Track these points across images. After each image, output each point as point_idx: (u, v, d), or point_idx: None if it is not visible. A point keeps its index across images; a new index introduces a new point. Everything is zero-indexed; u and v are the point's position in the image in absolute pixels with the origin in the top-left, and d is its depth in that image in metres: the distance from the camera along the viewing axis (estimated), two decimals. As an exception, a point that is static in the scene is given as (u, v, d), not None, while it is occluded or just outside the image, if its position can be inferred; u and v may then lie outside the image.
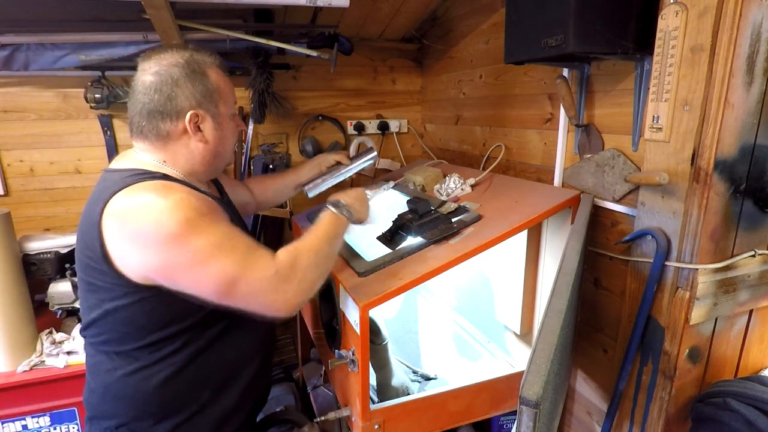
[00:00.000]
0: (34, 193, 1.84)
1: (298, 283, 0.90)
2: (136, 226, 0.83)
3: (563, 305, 0.75)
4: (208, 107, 0.97)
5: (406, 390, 1.34)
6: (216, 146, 1.01)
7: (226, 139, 1.03)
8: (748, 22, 0.82)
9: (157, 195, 0.84)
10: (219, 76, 1.00)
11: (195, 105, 0.95)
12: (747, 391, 0.90)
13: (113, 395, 0.95)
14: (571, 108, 1.21)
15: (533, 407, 0.58)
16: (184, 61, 0.95)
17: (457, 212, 1.25)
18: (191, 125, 0.96)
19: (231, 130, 1.05)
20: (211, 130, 0.99)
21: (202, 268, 0.84)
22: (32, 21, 1.58)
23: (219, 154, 1.03)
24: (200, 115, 0.96)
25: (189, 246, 0.82)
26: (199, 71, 0.96)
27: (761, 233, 0.98)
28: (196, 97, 0.95)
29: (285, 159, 2.10)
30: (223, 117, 1.01)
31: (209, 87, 0.97)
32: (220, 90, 0.99)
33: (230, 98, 1.03)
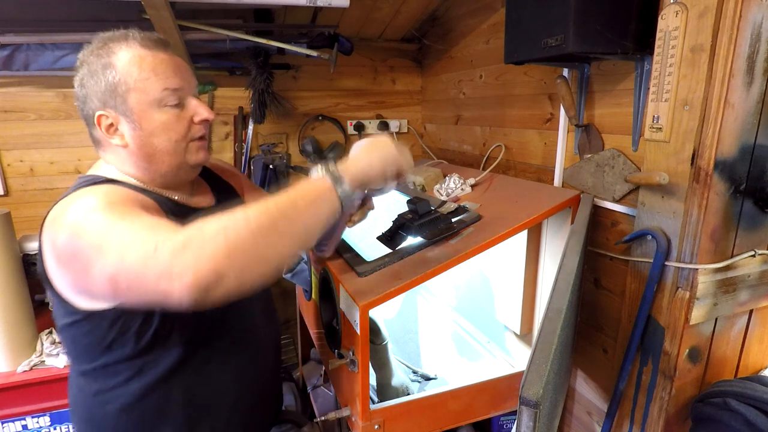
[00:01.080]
0: (34, 193, 1.84)
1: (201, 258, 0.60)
2: (54, 234, 0.73)
3: (563, 305, 0.75)
4: (115, 104, 0.81)
5: (406, 390, 1.34)
6: (141, 147, 0.84)
7: (154, 136, 0.83)
8: (748, 22, 0.82)
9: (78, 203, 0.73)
10: (132, 59, 0.81)
11: (100, 105, 0.82)
12: (747, 391, 0.90)
13: (78, 416, 0.89)
14: (571, 108, 1.21)
15: (533, 407, 0.58)
16: (90, 55, 0.82)
17: (457, 212, 1.25)
18: (102, 129, 0.83)
19: (161, 123, 0.83)
20: (129, 130, 0.83)
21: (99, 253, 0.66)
22: (32, 21, 1.58)
23: (150, 156, 0.85)
24: (110, 116, 0.82)
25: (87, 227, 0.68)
26: (102, 62, 0.80)
27: (761, 233, 0.98)
28: (99, 95, 0.81)
29: (285, 159, 2.10)
30: (138, 112, 0.82)
31: (111, 79, 0.80)
32: (129, 79, 0.80)
33: (151, 84, 0.81)
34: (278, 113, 2.02)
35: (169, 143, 0.85)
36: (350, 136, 2.22)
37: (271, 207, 0.67)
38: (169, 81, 0.83)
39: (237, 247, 0.62)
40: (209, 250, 0.60)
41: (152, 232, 0.65)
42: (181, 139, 0.86)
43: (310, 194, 0.73)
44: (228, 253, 0.61)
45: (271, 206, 0.67)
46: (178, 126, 0.85)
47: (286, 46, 1.76)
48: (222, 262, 0.60)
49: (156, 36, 0.86)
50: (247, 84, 1.91)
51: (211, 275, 0.60)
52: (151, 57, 0.82)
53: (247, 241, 0.63)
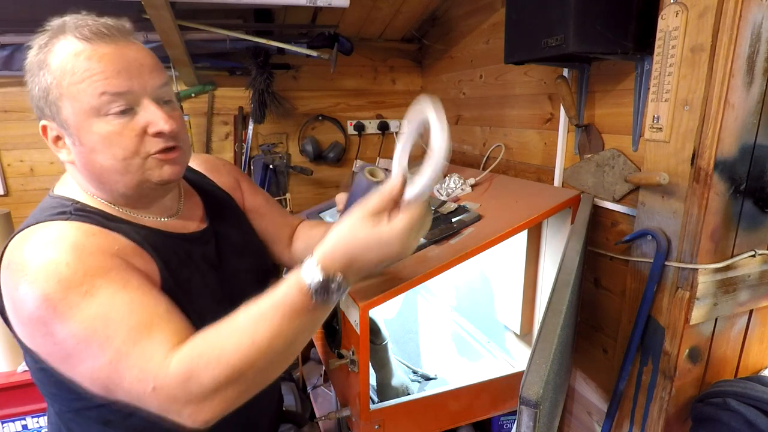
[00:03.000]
0: (34, 193, 1.84)
1: (197, 405, 0.60)
2: (10, 292, 0.63)
3: (563, 305, 0.75)
4: (50, 114, 0.67)
5: (406, 390, 1.34)
6: (84, 165, 0.70)
7: (95, 152, 0.68)
8: (748, 22, 0.82)
9: (33, 252, 0.62)
10: (67, 58, 0.65)
11: (39, 114, 0.69)
12: (747, 391, 0.90)
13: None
14: (571, 108, 1.21)
15: (533, 407, 0.58)
16: (35, 48, 0.68)
17: (457, 212, 1.25)
18: (50, 142, 0.70)
19: (101, 137, 0.67)
20: (71, 145, 0.69)
21: (70, 367, 0.62)
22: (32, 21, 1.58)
23: (100, 176, 0.70)
24: (50, 127, 0.69)
25: (54, 337, 0.60)
26: (41, 61, 0.66)
27: (761, 233, 0.98)
28: (35, 102, 0.68)
29: (285, 159, 2.10)
30: (74, 123, 0.67)
31: (45, 82, 0.65)
32: (63, 82, 0.65)
33: (86, 89, 0.65)
34: (278, 113, 2.02)
35: (114, 161, 0.68)
36: (350, 135, 2.22)
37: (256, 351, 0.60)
38: (110, 83, 0.65)
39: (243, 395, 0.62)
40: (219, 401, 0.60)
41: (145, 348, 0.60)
42: (131, 155, 0.69)
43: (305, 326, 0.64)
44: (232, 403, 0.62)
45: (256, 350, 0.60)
46: (123, 139, 0.68)
47: (286, 46, 1.76)
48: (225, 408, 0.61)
49: (104, 23, 0.68)
50: (247, 84, 1.91)
51: (214, 418, 0.61)
52: (88, 52, 0.65)
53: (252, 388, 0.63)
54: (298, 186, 2.19)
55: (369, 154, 2.28)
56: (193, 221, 0.84)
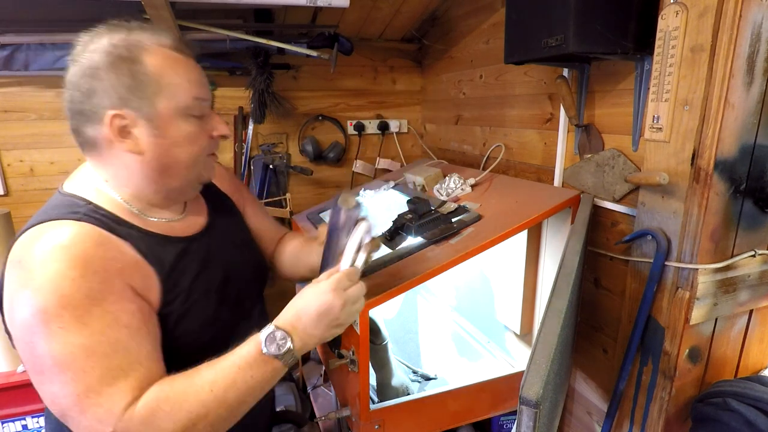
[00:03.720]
0: (34, 193, 1.84)
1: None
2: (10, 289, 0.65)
3: (563, 305, 0.75)
4: (138, 105, 0.72)
5: (406, 390, 1.34)
6: (158, 157, 0.75)
7: (178, 146, 0.76)
8: (748, 22, 0.82)
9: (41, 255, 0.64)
10: (164, 60, 0.74)
11: (117, 103, 0.71)
12: (747, 391, 0.90)
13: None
14: (571, 108, 1.21)
15: (533, 407, 0.58)
16: (110, 45, 0.72)
17: (457, 212, 1.25)
18: (113, 130, 0.72)
19: (187, 134, 0.76)
20: (147, 136, 0.73)
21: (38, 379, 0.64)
22: (32, 21, 1.58)
23: (168, 169, 0.76)
24: (127, 117, 0.72)
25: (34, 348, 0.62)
26: (128, 57, 0.71)
27: (761, 233, 0.98)
28: (118, 92, 0.71)
29: (285, 159, 2.10)
30: (165, 117, 0.74)
31: (140, 78, 0.71)
32: (161, 80, 0.73)
33: (182, 91, 0.75)
34: (278, 113, 2.02)
35: (190, 156, 0.78)
36: (350, 135, 2.22)
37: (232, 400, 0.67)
38: (199, 90, 0.78)
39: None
40: None
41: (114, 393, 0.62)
42: (201, 152, 0.80)
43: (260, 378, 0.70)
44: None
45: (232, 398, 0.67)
46: (200, 138, 0.79)
47: (286, 46, 1.76)
48: None
49: (181, 39, 0.79)
50: (247, 84, 1.91)
51: None
52: (184, 61, 0.77)
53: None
54: (298, 186, 2.19)
55: (369, 154, 2.28)
56: (197, 220, 0.88)
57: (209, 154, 0.83)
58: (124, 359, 0.65)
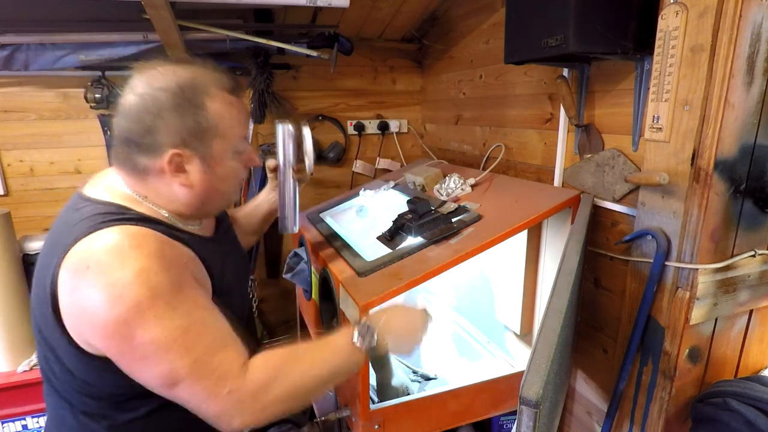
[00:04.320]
0: (34, 193, 1.84)
1: (257, 412, 0.73)
2: (88, 293, 0.68)
3: (563, 305, 0.75)
4: (197, 147, 0.78)
5: (406, 390, 1.34)
6: (204, 191, 0.82)
7: (222, 181, 0.84)
8: (748, 22, 0.82)
9: (118, 258, 0.69)
10: (223, 105, 0.80)
11: (179, 143, 0.77)
12: (747, 391, 0.90)
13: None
14: (571, 108, 1.21)
15: (533, 407, 0.58)
16: (177, 87, 0.76)
17: (457, 212, 1.25)
18: (171, 166, 0.78)
19: (231, 171, 0.84)
20: (199, 173, 0.80)
21: (143, 366, 0.70)
22: (32, 21, 1.58)
23: (210, 199, 0.84)
24: (184, 156, 0.78)
25: (133, 339, 0.68)
26: (193, 102, 0.77)
27: (761, 233, 0.98)
28: (181, 134, 0.76)
29: (285, 159, 2.09)
30: (217, 158, 0.81)
31: (203, 123, 0.78)
32: (220, 125, 0.79)
33: (234, 133, 0.82)
34: (278, 113, 2.02)
35: (232, 188, 0.88)
36: (350, 135, 2.22)
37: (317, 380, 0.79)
38: (245, 130, 0.86)
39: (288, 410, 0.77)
40: (268, 414, 0.74)
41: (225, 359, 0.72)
42: (240, 183, 0.90)
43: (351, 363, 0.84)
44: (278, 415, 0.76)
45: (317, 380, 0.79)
46: (242, 172, 0.88)
47: (286, 46, 1.76)
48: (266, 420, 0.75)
49: (236, 80, 0.85)
50: (247, 84, 1.91)
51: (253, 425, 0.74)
52: (237, 105, 0.83)
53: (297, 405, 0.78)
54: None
55: (369, 154, 2.28)
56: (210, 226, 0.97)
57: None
58: (217, 333, 0.74)
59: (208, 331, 0.73)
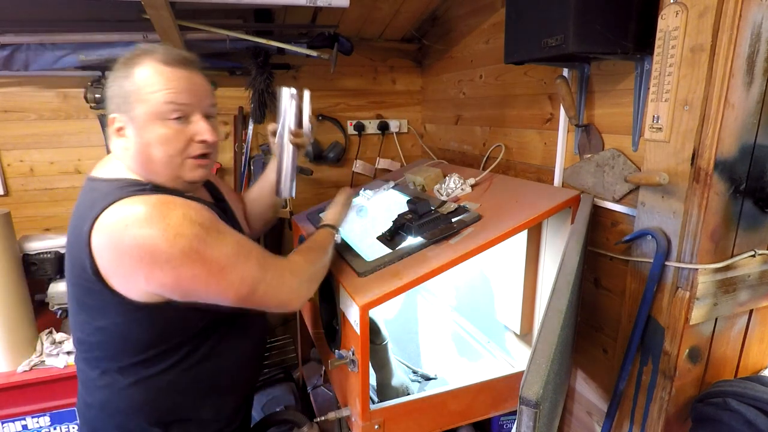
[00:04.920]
0: (34, 193, 1.84)
1: (308, 281, 1.01)
2: (138, 243, 0.77)
3: (563, 305, 0.75)
4: (126, 110, 0.87)
5: (406, 390, 1.34)
6: (137, 153, 0.89)
7: (150, 146, 0.88)
8: (748, 22, 0.82)
9: (157, 211, 0.79)
10: (151, 73, 0.86)
11: (114, 108, 0.89)
12: (747, 391, 0.90)
13: (113, 409, 0.93)
14: (571, 108, 1.21)
15: (533, 407, 0.58)
16: (121, 61, 0.89)
17: (457, 212, 1.25)
18: (114, 129, 0.90)
19: (158, 136, 0.87)
20: (132, 136, 0.88)
21: (222, 278, 0.83)
22: (32, 21, 1.58)
23: (146, 164, 0.89)
24: (119, 120, 0.88)
25: (205, 260, 0.81)
26: (124, 72, 0.87)
27: (761, 233, 0.98)
28: (115, 100, 0.88)
29: (285, 159, 2.09)
30: (141, 121, 0.87)
31: (127, 88, 0.86)
32: (142, 91, 0.86)
33: (156, 98, 0.86)
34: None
35: (164, 156, 0.89)
36: (350, 135, 2.22)
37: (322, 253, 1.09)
38: (175, 96, 0.87)
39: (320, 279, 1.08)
40: (314, 282, 1.06)
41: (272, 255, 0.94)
42: (177, 154, 0.90)
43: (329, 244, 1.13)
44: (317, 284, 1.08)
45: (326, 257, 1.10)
46: (175, 141, 0.89)
47: (286, 46, 1.76)
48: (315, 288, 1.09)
49: (182, 54, 0.91)
50: (247, 84, 1.91)
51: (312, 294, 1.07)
52: (167, 72, 0.87)
53: (322, 274, 1.09)
54: (298, 186, 2.18)
55: (369, 154, 2.28)
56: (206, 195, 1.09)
57: (192, 157, 0.92)
58: (257, 247, 0.92)
59: (253, 246, 0.91)
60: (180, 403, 0.95)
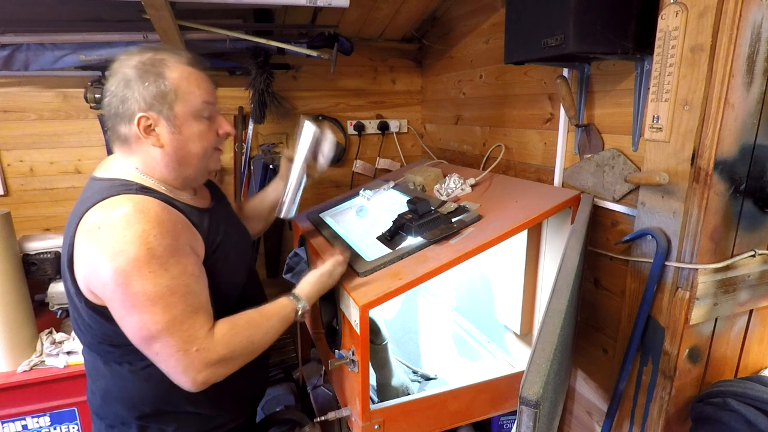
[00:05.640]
0: (34, 193, 1.84)
1: (216, 368, 0.87)
2: (97, 249, 0.82)
3: (563, 305, 0.75)
4: (160, 109, 0.91)
5: (406, 390, 1.34)
6: (175, 150, 0.94)
7: (190, 141, 0.95)
8: (748, 22, 0.82)
9: (124, 219, 0.82)
10: (181, 74, 0.93)
11: (145, 107, 0.91)
12: (747, 391, 0.90)
13: (113, 397, 0.97)
14: (571, 108, 1.21)
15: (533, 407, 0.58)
16: (140, 62, 0.91)
17: (457, 212, 1.25)
18: (141, 129, 0.91)
19: (197, 131, 0.95)
20: (167, 133, 0.93)
21: (130, 313, 0.83)
22: (32, 21, 1.58)
23: (183, 159, 0.96)
24: (151, 118, 0.91)
25: (128, 288, 0.81)
26: (152, 71, 0.91)
27: (761, 233, 0.98)
28: (145, 98, 0.90)
29: (285, 159, 2.09)
30: (181, 119, 0.93)
31: (162, 87, 0.91)
32: (179, 89, 0.92)
33: (195, 97, 0.94)
34: (278, 113, 2.02)
35: (200, 149, 0.97)
36: (350, 136, 2.22)
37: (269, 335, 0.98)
38: (208, 96, 0.97)
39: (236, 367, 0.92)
40: (223, 373, 0.89)
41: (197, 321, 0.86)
42: (209, 146, 0.99)
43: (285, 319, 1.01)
44: (230, 373, 0.91)
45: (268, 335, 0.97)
46: (209, 135, 0.98)
47: (286, 46, 1.76)
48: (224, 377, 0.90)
49: (198, 57, 0.98)
50: (247, 84, 1.91)
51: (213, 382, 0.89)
52: (196, 74, 0.95)
53: (249, 358, 0.94)
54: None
55: (369, 154, 2.28)
56: (206, 199, 1.10)
57: (215, 149, 1.02)
58: (195, 299, 0.87)
59: (189, 296, 0.86)
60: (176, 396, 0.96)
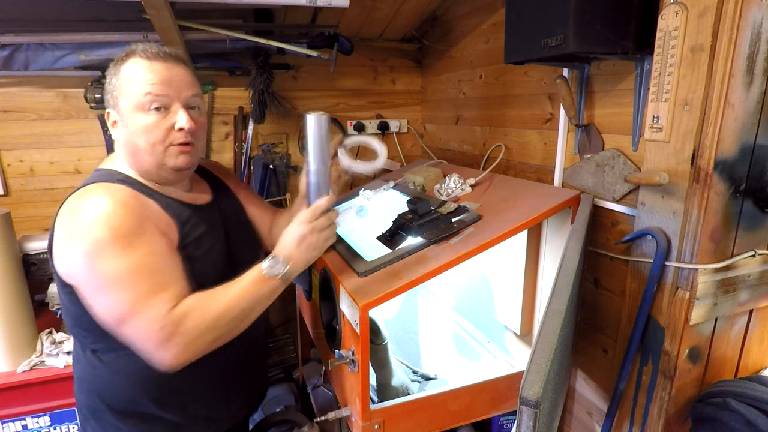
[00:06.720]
0: (34, 193, 1.84)
1: (183, 345, 0.82)
2: (66, 230, 0.86)
3: (563, 305, 0.75)
4: (114, 105, 0.95)
5: (406, 390, 1.34)
6: (126, 144, 0.96)
7: (135, 134, 0.93)
8: (748, 22, 0.82)
9: (90, 203, 0.85)
10: (134, 68, 0.92)
11: (109, 104, 0.96)
12: (747, 391, 0.90)
13: (85, 387, 1.00)
14: (571, 108, 1.21)
15: (533, 407, 0.58)
16: (114, 60, 0.95)
17: (457, 212, 1.25)
18: (109, 124, 0.97)
19: (142, 127, 0.92)
20: (121, 128, 0.96)
21: (97, 295, 0.85)
22: (32, 21, 1.58)
23: (134, 153, 0.96)
24: (111, 114, 0.97)
25: (92, 268, 0.82)
26: (113, 69, 0.95)
27: (761, 233, 0.98)
28: (107, 95, 0.96)
29: (285, 159, 2.10)
30: (125, 113, 0.93)
31: (114, 83, 0.94)
32: (125, 83, 0.92)
33: (137, 89, 0.91)
34: (278, 113, 2.02)
35: (146, 144, 0.94)
36: (350, 136, 2.22)
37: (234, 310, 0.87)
38: (154, 87, 0.92)
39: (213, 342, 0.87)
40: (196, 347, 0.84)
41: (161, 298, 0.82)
42: (158, 142, 0.94)
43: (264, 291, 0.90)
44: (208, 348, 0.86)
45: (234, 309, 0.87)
46: (156, 129, 0.93)
47: (286, 46, 1.76)
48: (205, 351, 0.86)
49: (163, 49, 0.95)
50: (247, 84, 1.91)
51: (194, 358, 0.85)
52: (145, 66, 0.92)
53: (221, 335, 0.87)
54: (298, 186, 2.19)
55: (369, 154, 2.28)
56: (203, 196, 1.09)
57: (174, 145, 0.96)
58: (162, 278, 0.85)
59: (156, 274, 0.85)
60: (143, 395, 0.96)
